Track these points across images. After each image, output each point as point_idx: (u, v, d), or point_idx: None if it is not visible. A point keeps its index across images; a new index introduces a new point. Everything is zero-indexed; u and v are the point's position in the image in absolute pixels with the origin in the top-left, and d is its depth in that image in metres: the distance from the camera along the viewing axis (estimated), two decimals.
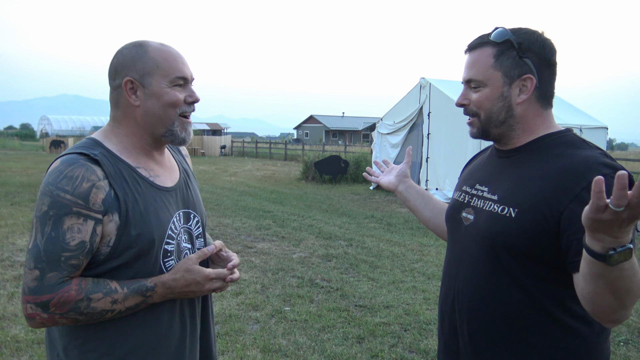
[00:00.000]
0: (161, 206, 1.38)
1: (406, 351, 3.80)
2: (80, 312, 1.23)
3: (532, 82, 1.33)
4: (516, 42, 1.31)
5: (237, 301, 4.77)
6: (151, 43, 1.39)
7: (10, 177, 15.46)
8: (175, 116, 1.38)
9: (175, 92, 1.36)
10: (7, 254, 6.27)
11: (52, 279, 1.21)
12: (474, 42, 1.39)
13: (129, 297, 1.27)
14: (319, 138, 64.03)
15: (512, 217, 1.27)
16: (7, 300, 4.64)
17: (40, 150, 36.24)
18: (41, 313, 1.21)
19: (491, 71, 1.33)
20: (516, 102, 1.34)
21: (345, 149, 26.65)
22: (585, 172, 1.19)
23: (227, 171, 20.86)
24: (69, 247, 1.22)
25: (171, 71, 1.36)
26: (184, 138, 1.42)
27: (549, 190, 1.23)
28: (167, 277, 1.31)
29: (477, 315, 1.37)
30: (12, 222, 8.17)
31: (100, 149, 1.34)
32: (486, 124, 1.38)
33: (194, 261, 1.34)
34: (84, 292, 1.23)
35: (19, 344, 3.74)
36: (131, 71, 1.35)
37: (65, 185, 1.23)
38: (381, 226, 8.99)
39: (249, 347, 3.80)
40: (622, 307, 1.10)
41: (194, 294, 1.34)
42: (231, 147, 37.24)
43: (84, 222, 1.23)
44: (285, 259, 6.39)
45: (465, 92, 1.41)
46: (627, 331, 4.29)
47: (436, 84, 12.52)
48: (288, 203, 11.51)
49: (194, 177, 1.65)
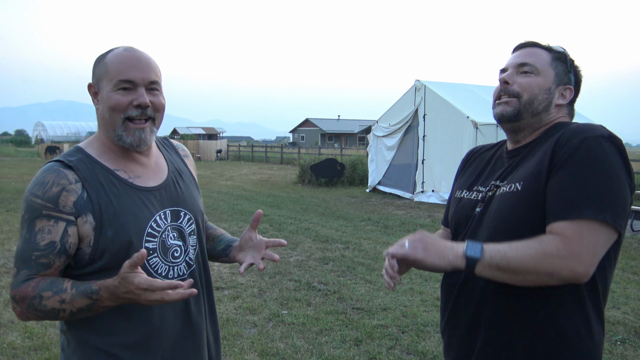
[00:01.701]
0: (139, 206, 1.40)
1: (404, 353, 3.80)
2: (35, 308, 1.29)
3: (571, 94, 1.49)
4: (569, 59, 1.49)
5: (235, 305, 4.77)
6: (116, 49, 1.42)
7: (5, 183, 15.40)
8: (120, 120, 1.38)
9: (116, 96, 1.37)
10: (2, 260, 6.25)
11: (22, 276, 1.31)
12: (529, 42, 1.51)
13: (76, 299, 1.27)
14: (314, 141, 64.06)
15: (519, 190, 1.34)
16: (3, 307, 4.62)
17: (35, 156, 36.12)
18: (16, 306, 1.32)
19: (547, 67, 1.46)
20: (555, 103, 1.46)
21: (342, 152, 26.66)
22: (572, 136, 1.30)
23: (224, 175, 20.85)
24: (39, 247, 1.30)
25: (116, 75, 1.37)
26: (131, 143, 1.40)
27: (542, 157, 1.34)
28: (109, 281, 1.25)
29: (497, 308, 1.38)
30: (8, 229, 8.14)
31: (80, 155, 1.40)
32: (525, 107, 1.44)
33: (126, 268, 1.21)
34: (37, 289, 1.29)
35: (15, 350, 3.72)
36: (93, 76, 1.43)
37: (37, 191, 1.32)
38: (378, 229, 9.00)
39: (246, 351, 3.80)
40: (548, 276, 1.21)
41: (138, 301, 1.24)
42: (227, 151, 37.22)
43: (55, 223, 1.31)
44: (282, 263, 6.38)
45: (512, 74, 1.48)
46: (623, 330, 4.31)
47: (431, 86, 12.57)
48: (284, 207, 11.50)
49: (191, 176, 1.65)
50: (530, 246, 1.22)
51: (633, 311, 4.78)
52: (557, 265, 1.19)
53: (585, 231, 1.20)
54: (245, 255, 1.59)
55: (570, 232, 1.20)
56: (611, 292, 5.34)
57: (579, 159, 1.25)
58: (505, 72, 1.51)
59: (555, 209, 1.25)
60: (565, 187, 1.25)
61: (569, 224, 1.21)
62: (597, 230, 1.21)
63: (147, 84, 1.39)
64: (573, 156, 1.26)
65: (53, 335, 4.01)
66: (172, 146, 1.67)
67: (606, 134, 1.29)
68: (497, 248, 1.24)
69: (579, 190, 1.23)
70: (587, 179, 1.23)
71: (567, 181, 1.25)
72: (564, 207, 1.24)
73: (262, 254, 1.57)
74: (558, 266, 1.19)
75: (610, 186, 1.23)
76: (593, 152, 1.25)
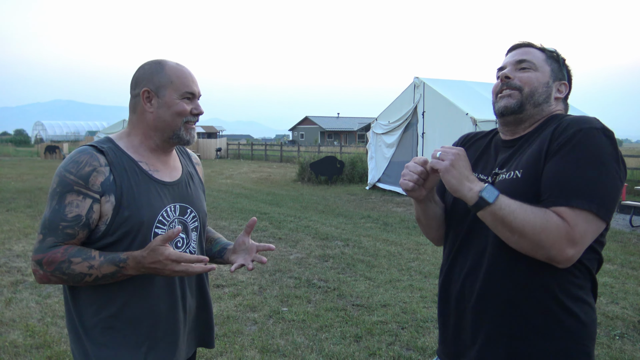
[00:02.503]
0: (155, 195, 1.59)
1: (403, 349, 3.83)
2: (62, 271, 1.46)
3: (566, 89, 1.57)
4: (561, 58, 1.57)
5: (235, 302, 4.79)
6: (168, 62, 1.66)
7: (5, 183, 15.40)
8: (182, 123, 1.64)
9: (183, 104, 1.62)
10: (3, 259, 6.27)
11: (48, 242, 1.47)
12: (523, 42, 1.58)
13: (103, 265, 1.46)
14: (314, 139, 64.04)
15: (518, 177, 1.40)
16: (5, 305, 4.64)
17: (35, 155, 36.12)
18: (39, 269, 1.47)
19: (543, 63, 1.54)
20: (554, 96, 1.54)
21: (341, 150, 26.66)
22: (568, 127, 1.36)
23: (223, 174, 20.86)
24: (66, 218, 1.47)
25: (182, 87, 1.62)
26: (189, 140, 1.67)
27: (541, 146, 1.40)
28: (138, 252, 1.46)
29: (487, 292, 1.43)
30: (8, 229, 8.16)
31: (111, 144, 1.61)
32: (527, 99, 1.50)
33: (159, 242, 1.44)
34: (67, 255, 1.46)
35: (17, 349, 3.74)
36: (149, 83, 1.62)
37: (71, 168, 1.50)
38: (377, 226, 9.02)
39: (247, 347, 3.82)
40: (538, 247, 1.28)
41: (162, 271, 1.46)
42: (227, 149, 37.21)
43: (83, 199, 1.49)
44: (283, 260, 6.41)
45: (512, 70, 1.55)
46: (622, 325, 4.33)
47: (430, 84, 12.57)
48: (284, 204, 11.52)
49: (200, 181, 1.86)
50: (537, 214, 1.28)
51: (632, 306, 4.80)
52: (551, 241, 1.26)
53: (580, 219, 1.27)
54: (237, 257, 1.78)
55: (569, 218, 1.27)
56: (610, 287, 5.36)
57: (574, 147, 1.32)
58: (504, 69, 1.56)
59: (552, 192, 1.31)
60: (562, 173, 1.31)
61: (566, 210, 1.28)
62: (590, 221, 1.28)
63: (199, 96, 1.69)
64: (569, 144, 1.32)
65: (55, 333, 4.03)
66: (187, 154, 1.90)
67: (599, 127, 1.34)
68: (508, 203, 1.30)
69: (574, 178, 1.29)
70: (582, 168, 1.30)
71: (563, 167, 1.31)
72: (560, 192, 1.30)
73: (253, 256, 1.76)
74: (552, 243, 1.26)
75: (604, 177, 1.29)
76: (588, 141, 1.32)
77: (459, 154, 1.38)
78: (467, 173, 1.36)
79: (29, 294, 4.99)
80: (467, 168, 1.37)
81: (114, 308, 1.54)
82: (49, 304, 4.70)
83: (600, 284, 5.47)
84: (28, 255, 6.47)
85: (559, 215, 1.28)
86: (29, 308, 4.59)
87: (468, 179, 1.35)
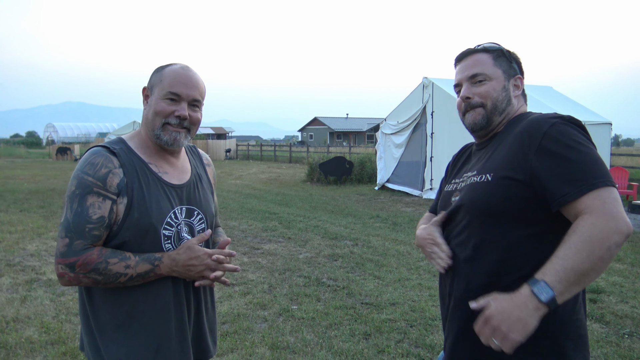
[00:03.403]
0: (163, 197, 1.62)
1: (412, 346, 3.86)
2: (99, 272, 1.49)
3: (522, 82, 1.61)
4: (506, 52, 1.60)
5: (245, 301, 4.85)
6: (174, 64, 1.66)
7: (18, 184, 15.60)
8: (160, 123, 1.61)
9: (162, 104, 1.60)
10: (18, 259, 6.38)
11: (78, 245, 1.49)
12: (468, 50, 1.62)
13: (139, 264, 1.52)
14: (323, 140, 64.08)
15: (489, 181, 1.44)
16: (20, 303, 4.73)
17: (46, 157, 36.50)
18: (69, 272, 1.49)
19: (494, 68, 1.56)
20: (513, 95, 1.59)
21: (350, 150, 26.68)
22: (539, 125, 1.40)
23: (233, 174, 20.96)
24: (92, 220, 1.50)
25: (167, 87, 1.60)
26: (167, 141, 1.63)
27: (515, 149, 1.43)
28: (172, 252, 1.57)
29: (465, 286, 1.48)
30: (22, 228, 8.28)
31: (122, 145, 1.63)
32: (492, 112, 1.56)
33: (194, 242, 1.58)
34: (103, 256, 1.50)
35: (32, 344, 3.82)
36: (149, 82, 1.66)
37: (89, 170, 1.52)
38: (386, 226, 9.04)
39: (257, 344, 3.87)
40: (609, 252, 1.23)
41: (195, 268, 1.56)
42: (236, 150, 37.37)
43: (103, 200, 1.51)
44: (292, 259, 6.45)
45: (468, 87, 1.59)
46: (631, 324, 4.33)
47: (439, 84, 12.57)
48: (294, 205, 11.57)
49: (209, 183, 1.87)
50: (575, 242, 1.24)
51: None
52: (606, 238, 1.22)
53: (603, 195, 1.27)
54: None
55: (591, 203, 1.27)
56: (620, 287, 5.35)
57: (558, 142, 1.35)
58: (460, 87, 1.62)
59: (561, 191, 1.31)
60: (560, 169, 1.33)
61: (585, 199, 1.28)
62: (609, 192, 1.29)
63: (190, 100, 1.63)
64: (551, 141, 1.36)
65: (69, 330, 4.10)
66: (199, 154, 1.90)
67: (566, 117, 1.40)
68: (555, 270, 1.24)
69: (573, 168, 1.32)
70: (578, 156, 1.33)
71: (558, 164, 1.34)
72: (569, 187, 1.30)
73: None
74: (608, 238, 1.22)
75: (594, 157, 1.34)
76: (566, 133, 1.36)
77: (497, 318, 1.26)
78: (516, 313, 1.24)
79: (43, 291, 5.08)
80: (511, 307, 1.25)
81: (126, 306, 1.57)
82: (62, 302, 4.78)
83: (610, 283, 5.47)
84: (42, 255, 6.57)
85: (585, 209, 1.27)
86: (44, 305, 4.67)
87: (522, 312, 1.24)
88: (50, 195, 12.76)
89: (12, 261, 6.24)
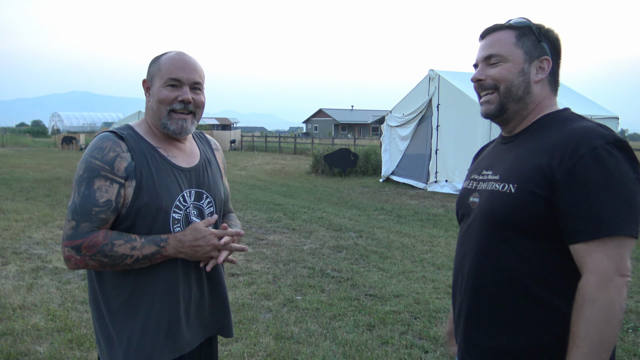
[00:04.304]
0: (172, 180, 1.63)
1: (416, 338, 3.87)
2: (105, 254, 1.50)
3: (549, 64, 1.42)
4: (535, 28, 1.42)
5: (250, 291, 4.87)
6: (169, 52, 1.67)
7: (24, 173, 15.68)
8: (166, 111, 1.62)
9: (165, 91, 1.61)
10: (24, 247, 6.42)
11: (85, 227, 1.50)
12: (492, 27, 1.47)
13: (145, 246, 1.53)
14: (328, 132, 63.99)
15: (512, 192, 1.34)
16: (27, 290, 4.77)
17: (52, 146, 36.62)
18: (75, 255, 1.50)
19: (513, 48, 1.41)
20: (534, 80, 1.42)
21: (355, 142, 26.64)
22: (578, 146, 1.25)
23: (237, 165, 20.99)
24: (98, 203, 1.51)
25: (167, 74, 1.61)
26: (174, 130, 1.64)
27: (545, 163, 1.30)
28: (179, 233, 1.58)
29: (478, 292, 1.43)
30: (28, 217, 8.33)
31: (130, 131, 1.65)
32: (505, 98, 1.43)
33: (201, 223, 1.59)
34: (109, 238, 1.51)
35: (39, 332, 3.85)
36: (147, 74, 1.68)
37: (97, 154, 1.54)
38: (391, 218, 9.04)
39: (262, 334, 3.89)
40: (619, 317, 1.22)
41: (202, 248, 1.57)
42: (241, 141, 37.39)
43: (111, 184, 1.53)
44: (296, 250, 6.47)
45: (482, 68, 1.46)
46: (635, 318, 4.32)
47: (445, 76, 12.51)
48: (298, 196, 11.59)
49: (218, 167, 1.87)
50: (588, 318, 1.21)
51: None
52: (613, 300, 1.20)
53: (614, 247, 1.21)
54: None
55: (596, 258, 1.21)
56: None
57: (593, 173, 1.23)
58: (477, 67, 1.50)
59: (577, 227, 1.24)
60: (584, 203, 1.23)
61: (592, 246, 1.22)
62: (624, 243, 1.22)
63: (191, 84, 1.64)
64: (585, 169, 1.23)
65: (75, 317, 4.13)
66: (207, 139, 1.91)
67: (611, 140, 1.25)
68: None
69: (601, 206, 1.22)
70: (606, 194, 1.22)
71: (585, 197, 1.23)
72: (587, 226, 1.22)
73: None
74: (614, 300, 1.20)
75: (629, 198, 1.23)
76: (606, 164, 1.23)
77: None
78: None
79: (49, 279, 5.11)
80: None
81: (137, 290, 1.59)
82: (68, 290, 4.81)
83: None
84: (47, 243, 6.61)
85: (585, 267, 1.23)
86: (50, 293, 4.71)
87: None
88: (55, 184, 12.81)
89: (18, 249, 6.28)
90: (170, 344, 1.62)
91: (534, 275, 1.33)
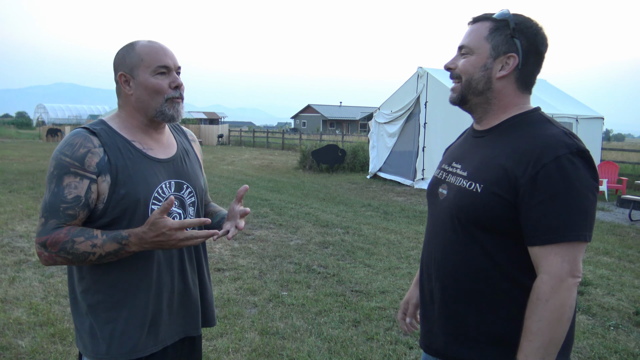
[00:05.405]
0: (150, 172, 1.61)
1: (401, 334, 3.88)
2: (66, 251, 1.48)
3: (515, 61, 1.42)
4: (513, 23, 1.41)
5: (236, 286, 4.85)
6: (139, 41, 1.64)
7: (7, 164, 15.46)
8: (163, 100, 1.62)
9: (158, 81, 1.60)
10: (7, 239, 6.33)
11: (51, 224, 1.50)
12: (478, 16, 1.49)
13: (106, 243, 1.48)
14: (316, 127, 63.93)
15: (478, 192, 1.39)
16: (9, 284, 4.70)
17: (36, 138, 36.15)
18: (43, 252, 1.50)
19: (482, 42, 1.43)
20: (496, 76, 1.43)
21: (343, 139, 26.65)
22: (542, 154, 1.31)
23: (225, 160, 20.89)
24: (66, 200, 1.50)
25: (153, 62, 1.60)
26: (172, 115, 1.64)
27: (510, 168, 1.35)
28: (138, 229, 1.48)
29: (449, 283, 1.48)
30: (11, 209, 8.21)
31: (103, 126, 1.62)
32: (465, 90, 1.47)
33: (157, 215, 1.44)
34: (69, 235, 1.48)
35: (21, 326, 3.81)
36: (123, 67, 1.63)
37: (67, 151, 1.53)
38: (378, 214, 9.06)
39: (247, 329, 3.88)
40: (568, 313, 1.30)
41: (167, 243, 1.47)
42: (228, 136, 37.20)
43: (80, 180, 1.51)
44: (283, 246, 6.46)
45: (456, 57, 1.50)
46: (617, 316, 4.39)
47: (433, 74, 12.55)
48: (285, 192, 11.57)
49: (196, 157, 1.85)
50: (540, 315, 1.29)
51: (627, 298, 4.85)
52: (564, 300, 1.28)
53: (569, 251, 1.29)
54: (226, 224, 1.73)
55: (552, 260, 1.29)
56: (607, 279, 5.42)
57: (554, 181, 1.29)
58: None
59: (536, 232, 1.31)
60: (544, 209, 1.30)
61: (548, 250, 1.30)
62: (578, 247, 1.31)
63: (176, 69, 1.65)
64: (548, 177, 1.29)
65: (58, 311, 4.09)
66: (182, 131, 1.90)
67: (574, 149, 1.30)
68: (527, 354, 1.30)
69: (559, 213, 1.29)
70: (565, 201, 1.29)
71: (546, 204, 1.29)
72: (545, 231, 1.30)
73: (236, 222, 1.69)
74: (565, 300, 1.28)
75: (585, 206, 1.30)
76: (568, 172, 1.29)
77: None
78: None
79: (32, 273, 5.05)
80: None
81: (118, 284, 1.58)
82: (52, 283, 4.76)
83: (597, 276, 5.53)
84: (31, 236, 6.53)
85: (541, 267, 1.31)
86: (32, 287, 4.65)
87: None
88: (40, 176, 12.64)
89: (0, 242, 6.19)
90: (152, 337, 1.62)
91: (502, 269, 1.39)
